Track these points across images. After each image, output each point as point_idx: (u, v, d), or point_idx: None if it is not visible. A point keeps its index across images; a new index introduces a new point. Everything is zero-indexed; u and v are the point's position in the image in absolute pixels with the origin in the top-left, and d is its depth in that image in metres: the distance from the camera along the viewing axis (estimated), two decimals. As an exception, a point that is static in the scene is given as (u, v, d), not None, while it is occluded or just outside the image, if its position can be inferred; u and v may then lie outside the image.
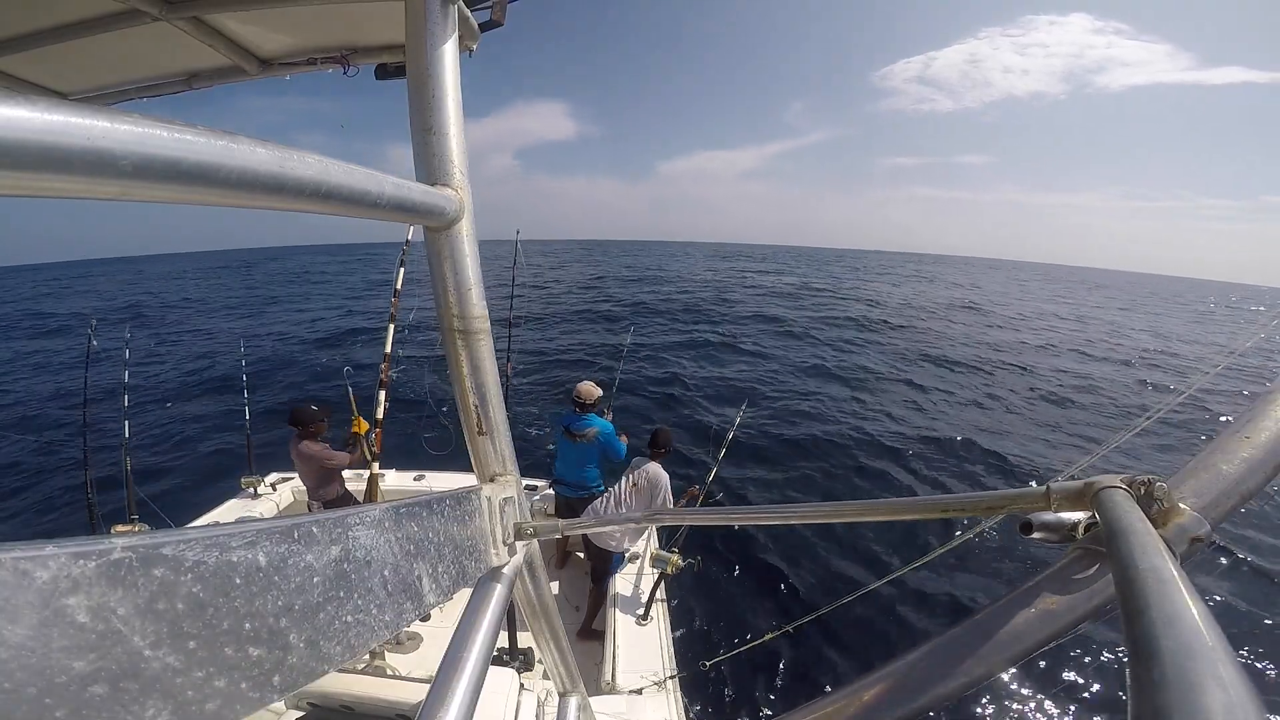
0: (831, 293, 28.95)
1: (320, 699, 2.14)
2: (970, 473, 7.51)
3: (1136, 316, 31.49)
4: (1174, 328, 27.90)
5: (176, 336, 18.24)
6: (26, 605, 0.22)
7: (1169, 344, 21.37)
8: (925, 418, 9.65)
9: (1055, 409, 10.80)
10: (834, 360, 13.70)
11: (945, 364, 13.84)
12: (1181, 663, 0.24)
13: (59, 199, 0.26)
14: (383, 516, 0.49)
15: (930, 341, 16.94)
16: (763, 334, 16.38)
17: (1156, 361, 16.81)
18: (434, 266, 0.68)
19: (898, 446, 8.11)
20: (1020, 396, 11.45)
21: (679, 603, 4.61)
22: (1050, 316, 27.07)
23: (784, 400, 10.27)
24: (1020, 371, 13.79)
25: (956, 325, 21.27)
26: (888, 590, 4.75)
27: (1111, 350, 18.07)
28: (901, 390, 11.41)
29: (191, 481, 7.15)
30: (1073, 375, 13.64)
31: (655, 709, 2.66)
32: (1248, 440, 0.49)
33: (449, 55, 0.66)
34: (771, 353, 14.30)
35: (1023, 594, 0.47)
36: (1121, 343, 20.23)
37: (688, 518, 0.80)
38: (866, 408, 10.09)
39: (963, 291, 38.77)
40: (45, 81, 1.41)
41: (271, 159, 0.35)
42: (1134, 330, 24.81)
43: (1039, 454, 8.09)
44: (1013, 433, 9.16)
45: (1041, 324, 23.66)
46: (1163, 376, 14.31)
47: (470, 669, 0.55)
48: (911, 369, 13.27)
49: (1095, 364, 15.47)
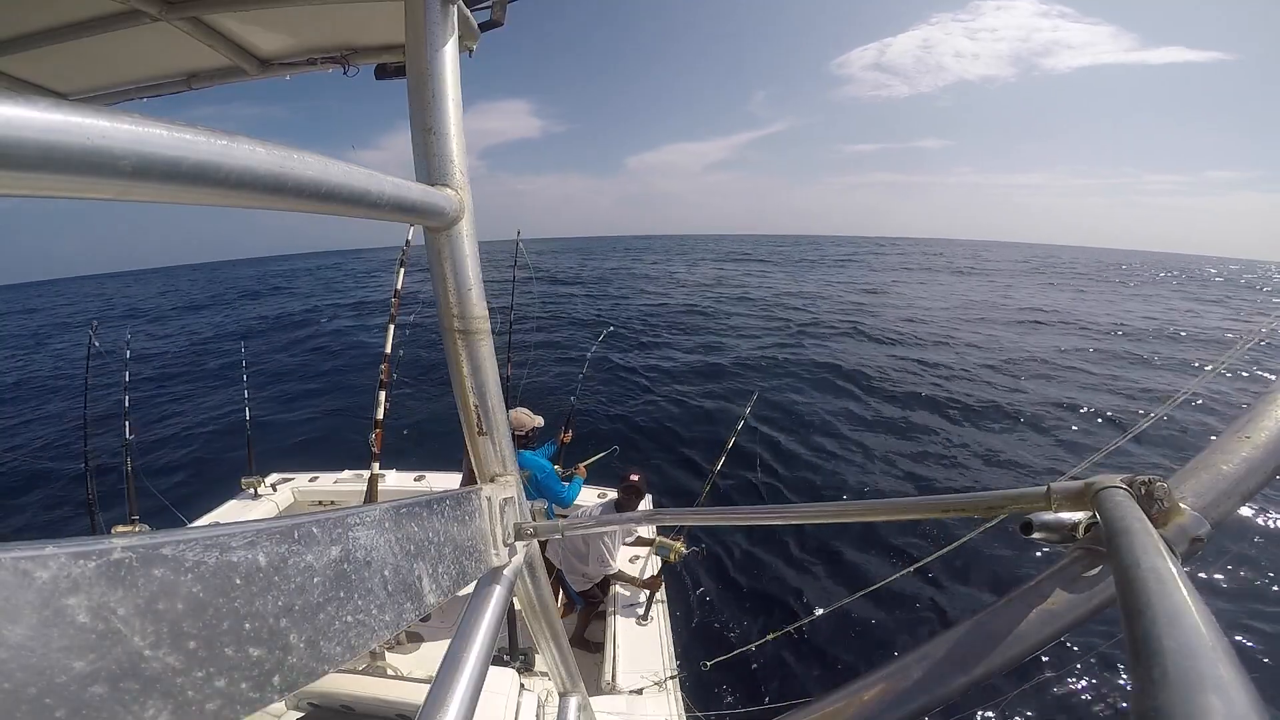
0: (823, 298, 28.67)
1: (320, 699, 2.14)
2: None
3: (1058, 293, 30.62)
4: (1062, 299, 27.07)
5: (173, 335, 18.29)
6: (27, 605, 0.22)
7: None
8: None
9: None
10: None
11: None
12: (1181, 662, 0.24)
13: (59, 199, 0.26)
14: (383, 516, 0.49)
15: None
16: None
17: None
18: (434, 266, 0.68)
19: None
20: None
21: (679, 603, 4.61)
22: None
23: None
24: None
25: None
26: (888, 590, 4.74)
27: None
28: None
29: (191, 481, 7.16)
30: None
31: (655, 709, 2.66)
32: (1248, 440, 0.49)
33: (449, 55, 0.66)
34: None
35: (1023, 594, 0.47)
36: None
37: (688, 518, 0.80)
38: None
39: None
40: (45, 81, 1.41)
41: (271, 159, 0.35)
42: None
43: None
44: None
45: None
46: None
47: (470, 669, 0.55)
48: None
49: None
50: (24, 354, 19.12)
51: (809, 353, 13.35)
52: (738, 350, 13.74)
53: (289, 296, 32.84)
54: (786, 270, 40.05)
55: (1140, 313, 23.06)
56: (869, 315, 19.35)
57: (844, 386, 10.69)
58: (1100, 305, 25.24)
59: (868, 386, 10.65)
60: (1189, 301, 29.29)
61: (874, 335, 15.74)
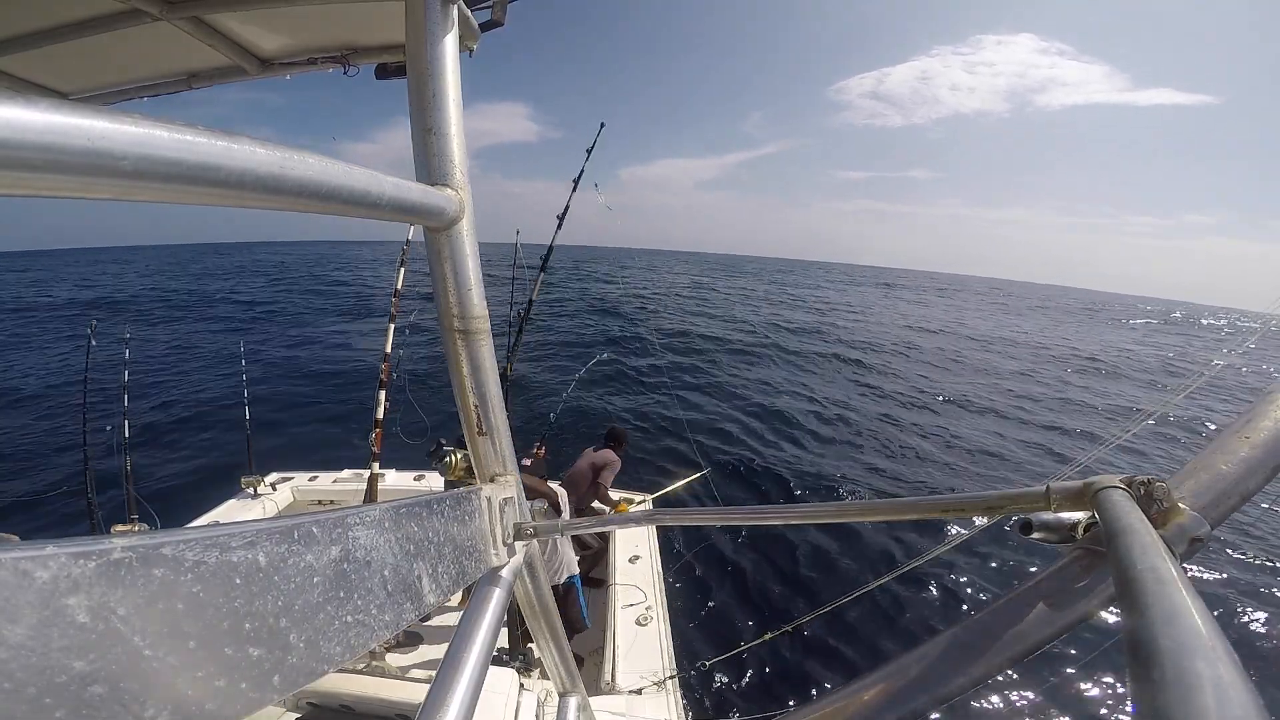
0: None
1: (320, 699, 2.14)
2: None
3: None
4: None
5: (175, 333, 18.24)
6: (27, 605, 0.22)
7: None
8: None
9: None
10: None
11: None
12: (1181, 663, 0.24)
13: (59, 198, 0.26)
14: (383, 516, 0.49)
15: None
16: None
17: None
18: (434, 266, 0.68)
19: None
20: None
21: (679, 603, 4.61)
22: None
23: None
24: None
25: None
26: (887, 590, 4.75)
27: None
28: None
29: (192, 481, 7.15)
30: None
31: (655, 709, 2.66)
32: (1248, 440, 0.49)
33: (449, 55, 0.66)
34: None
35: (1023, 594, 0.47)
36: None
37: (688, 518, 0.80)
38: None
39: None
40: (45, 81, 1.41)
41: (272, 159, 0.35)
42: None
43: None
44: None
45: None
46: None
47: (470, 669, 0.55)
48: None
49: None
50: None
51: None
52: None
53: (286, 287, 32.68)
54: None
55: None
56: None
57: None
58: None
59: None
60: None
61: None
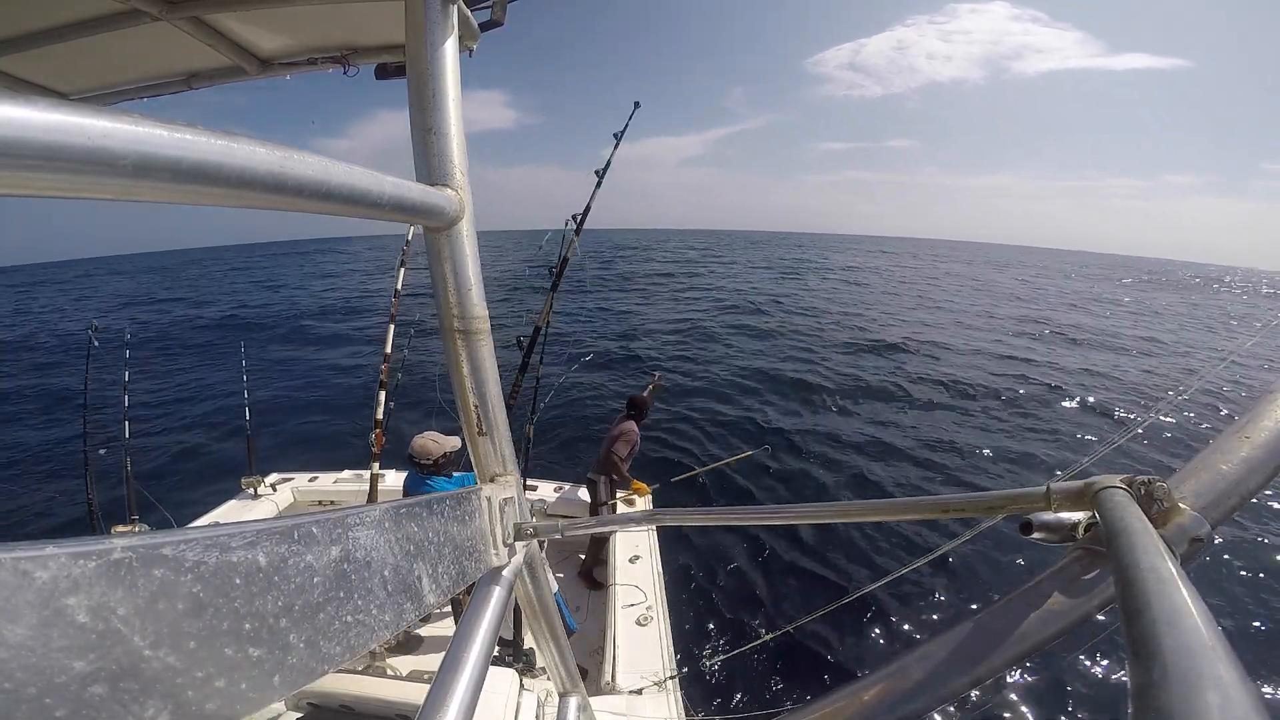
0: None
1: (320, 699, 2.14)
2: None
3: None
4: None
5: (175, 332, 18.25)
6: (26, 605, 0.22)
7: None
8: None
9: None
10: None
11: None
12: (1181, 662, 0.24)
13: (59, 198, 0.26)
14: (383, 517, 0.49)
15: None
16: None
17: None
18: (434, 266, 0.68)
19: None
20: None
21: (679, 603, 4.60)
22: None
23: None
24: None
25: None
26: (887, 590, 4.75)
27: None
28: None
29: (192, 481, 7.15)
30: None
31: (655, 709, 2.66)
32: (1248, 440, 0.49)
33: (449, 55, 0.66)
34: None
35: (1023, 594, 0.47)
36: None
37: (688, 518, 0.80)
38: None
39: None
40: (45, 81, 1.41)
41: (272, 159, 0.35)
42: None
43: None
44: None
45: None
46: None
47: (470, 669, 0.55)
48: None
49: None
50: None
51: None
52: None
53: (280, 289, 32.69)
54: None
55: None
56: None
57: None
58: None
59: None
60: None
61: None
